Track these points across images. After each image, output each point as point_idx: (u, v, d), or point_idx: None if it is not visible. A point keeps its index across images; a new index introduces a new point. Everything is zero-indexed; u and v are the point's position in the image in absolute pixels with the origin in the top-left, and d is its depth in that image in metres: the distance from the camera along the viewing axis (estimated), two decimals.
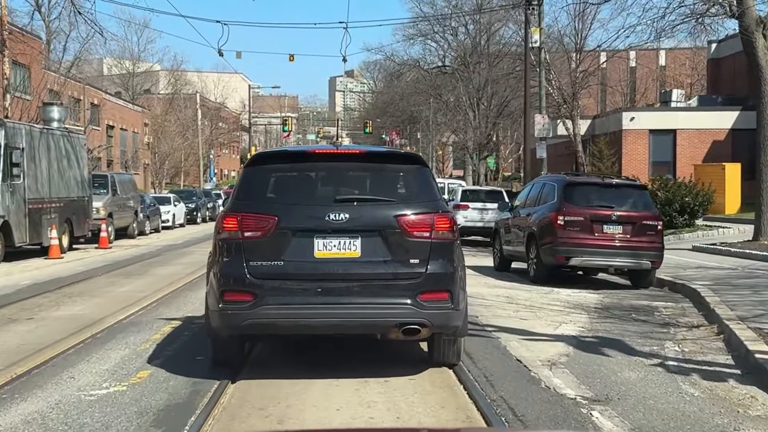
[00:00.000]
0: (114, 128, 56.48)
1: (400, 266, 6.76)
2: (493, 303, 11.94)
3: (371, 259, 6.75)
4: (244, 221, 6.77)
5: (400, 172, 7.43)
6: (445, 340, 7.28)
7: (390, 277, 6.75)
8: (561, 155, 52.98)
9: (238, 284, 6.69)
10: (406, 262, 6.78)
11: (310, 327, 6.88)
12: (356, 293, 6.71)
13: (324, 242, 6.73)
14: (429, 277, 6.77)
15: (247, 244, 6.72)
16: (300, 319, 6.73)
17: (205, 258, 8.22)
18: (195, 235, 31.28)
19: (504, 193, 27.40)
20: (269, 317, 6.65)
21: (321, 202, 7.03)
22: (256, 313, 6.63)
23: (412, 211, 6.88)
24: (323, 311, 6.69)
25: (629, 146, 41.40)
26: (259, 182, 7.22)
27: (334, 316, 6.72)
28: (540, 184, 16.07)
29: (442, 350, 7.37)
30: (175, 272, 16.26)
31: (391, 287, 6.74)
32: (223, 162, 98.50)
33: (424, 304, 6.73)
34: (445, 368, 7.42)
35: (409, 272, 6.76)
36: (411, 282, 6.74)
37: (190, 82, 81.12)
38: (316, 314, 6.70)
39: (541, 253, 14.61)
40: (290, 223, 6.76)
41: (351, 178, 7.51)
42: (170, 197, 37.46)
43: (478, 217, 26.33)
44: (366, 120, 79.88)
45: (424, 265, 6.77)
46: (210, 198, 46.83)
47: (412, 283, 6.74)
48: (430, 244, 6.82)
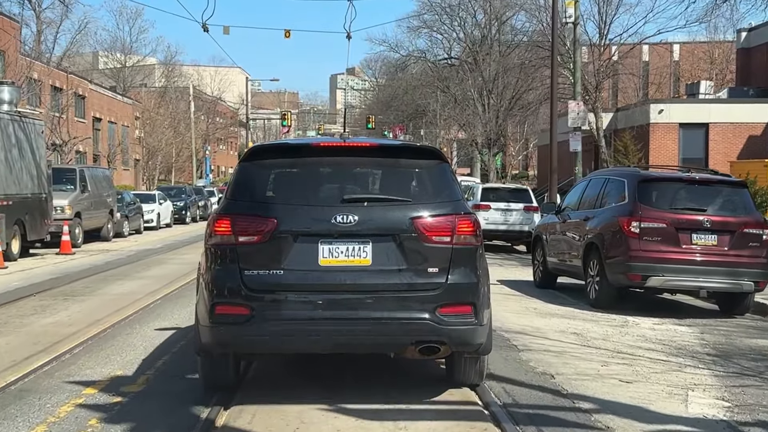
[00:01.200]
0: (101, 121, 53.02)
1: (417, 276, 5.85)
2: (562, 345, 8.53)
3: (384, 268, 5.84)
4: (239, 224, 5.86)
5: (416, 168, 6.34)
6: (466, 358, 6.40)
7: (405, 288, 5.83)
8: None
9: (232, 296, 5.78)
10: (424, 272, 5.87)
11: (315, 345, 5.99)
12: (367, 306, 5.79)
13: (330, 248, 5.84)
14: (450, 288, 5.87)
15: (243, 250, 5.82)
16: (303, 336, 5.85)
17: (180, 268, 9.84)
18: (180, 237, 27.85)
19: (530, 191, 23.96)
20: (268, 334, 5.76)
21: (326, 203, 6.04)
22: (253, 330, 5.73)
23: (430, 213, 5.96)
24: (329, 327, 5.81)
25: (657, 141, 37.99)
26: (256, 179, 6.19)
27: (342, 332, 5.83)
28: (599, 180, 12.63)
29: (463, 370, 6.51)
30: (133, 290, 12.83)
31: (406, 300, 5.82)
32: (220, 158, 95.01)
33: (445, 318, 5.82)
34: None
35: (427, 282, 5.85)
36: (429, 294, 5.84)
37: (186, 74, 77.55)
38: (321, 331, 5.81)
39: (606, 270, 11.19)
40: (291, 227, 5.85)
41: (360, 174, 6.48)
42: (155, 194, 34.02)
43: (500, 219, 22.92)
44: (368, 115, 76.25)
45: (445, 274, 5.88)
46: (202, 196, 43.35)
47: (430, 295, 5.83)
48: (451, 250, 5.90)
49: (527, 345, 8.36)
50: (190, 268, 16.08)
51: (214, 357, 6.14)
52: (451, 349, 6.05)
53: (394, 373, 7.04)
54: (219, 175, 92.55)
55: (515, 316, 10.48)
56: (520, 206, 22.97)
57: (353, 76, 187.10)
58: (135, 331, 9.20)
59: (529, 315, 10.63)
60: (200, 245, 6.46)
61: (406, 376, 7.02)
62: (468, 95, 58.66)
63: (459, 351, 6.17)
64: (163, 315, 10.24)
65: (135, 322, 9.81)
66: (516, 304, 11.67)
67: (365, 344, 6.04)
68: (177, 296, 12.02)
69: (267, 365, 7.33)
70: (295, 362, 7.27)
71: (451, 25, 61.55)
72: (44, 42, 64.12)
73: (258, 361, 7.26)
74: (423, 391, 6.51)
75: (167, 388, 6.60)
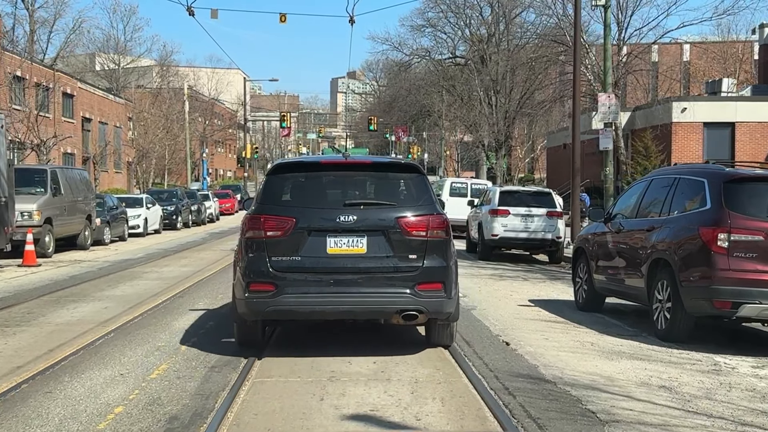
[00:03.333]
0: (91, 121, 50.60)
1: (401, 261, 7.67)
2: (658, 412, 6.04)
3: (376, 255, 7.65)
4: (267, 222, 7.65)
5: (400, 180, 8.24)
6: (439, 324, 8.21)
7: (392, 270, 7.66)
8: (591, 154, 47.10)
9: (262, 276, 7.56)
10: (406, 258, 7.67)
11: (324, 313, 7.84)
12: (363, 284, 7.62)
13: (335, 240, 7.66)
14: (425, 270, 7.68)
15: (269, 242, 7.61)
16: (315, 306, 7.66)
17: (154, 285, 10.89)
18: (166, 244, 25.44)
19: (553, 195, 21.51)
20: (289, 305, 7.58)
21: (332, 206, 7.88)
22: (277, 301, 7.54)
23: (410, 214, 7.79)
24: (335, 299, 7.61)
25: (680, 141, 35.60)
26: (279, 188, 8.07)
27: (344, 303, 7.66)
28: (665, 180, 10.18)
29: (437, 333, 8.37)
30: (84, 318, 10.33)
31: (392, 279, 7.65)
32: (218, 161, 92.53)
33: (421, 293, 7.64)
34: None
35: (408, 266, 7.67)
36: (410, 274, 7.66)
37: (182, 75, 75.07)
38: (328, 302, 7.62)
39: (682, 295, 8.77)
40: (306, 224, 7.66)
41: (358, 184, 8.35)
42: (142, 198, 31.58)
43: (521, 226, 20.49)
44: (370, 116, 73.74)
45: (421, 260, 7.67)
46: (195, 200, 40.74)
47: (410, 275, 7.65)
48: (426, 242, 7.71)
49: (610, 411, 5.93)
50: (165, 285, 13.68)
51: (247, 323, 7.92)
52: (427, 316, 7.85)
53: (385, 337, 9.02)
54: (217, 178, 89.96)
55: (572, 356, 8.06)
56: (542, 211, 20.57)
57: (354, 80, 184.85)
58: (55, 393, 6.53)
59: (589, 354, 8.20)
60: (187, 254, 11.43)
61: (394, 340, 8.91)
62: (474, 95, 56.30)
63: (433, 318, 7.97)
64: (108, 358, 7.80)
65: (64, 371, 7.25)
66: (565, 337, 9.26)
67: (362, 312, 7.85)
68: (137, 326, 9.61)
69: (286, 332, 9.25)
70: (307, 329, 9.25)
71: (456, 23, 59.17)
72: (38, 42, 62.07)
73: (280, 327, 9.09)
74: (406, 349, 8.34)
75: None
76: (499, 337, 9.08)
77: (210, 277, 15.24)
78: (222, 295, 12.59)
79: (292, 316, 7.84)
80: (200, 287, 13.69)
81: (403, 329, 9.06)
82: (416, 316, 7.75)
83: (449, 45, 61.07)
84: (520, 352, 8.19)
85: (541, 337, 9.12)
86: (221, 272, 16.20)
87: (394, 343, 8.63)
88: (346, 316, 8.07)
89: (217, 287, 13.64)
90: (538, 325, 10.10)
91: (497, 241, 20.73)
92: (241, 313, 7.76)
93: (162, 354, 7.97)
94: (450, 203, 31.08)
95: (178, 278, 14.98)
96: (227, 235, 31.19)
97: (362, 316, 8.12)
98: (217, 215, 45.83)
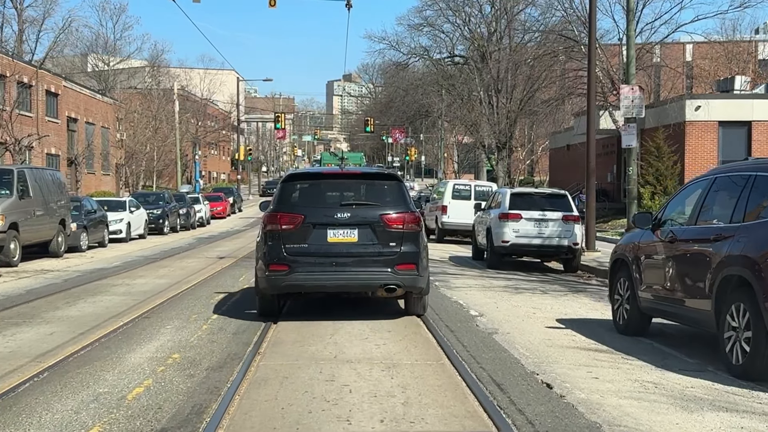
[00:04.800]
0: (78, 121, 48.65)
1: (383, 247, 10.12)
2: None
3: (364, 243, 10.09)
4: (282, 218, 10.05)
5: (384, 185, 10.76)
6: (414, 297, 10.63)
7: (377, 254, 10.09)
8: (597, 155, 45.19)
9: (279, 259, 9.92)
10: (387, 245, 10.12)
11: (325, 287, 10.30)
12: (355, 265, 10.06)
13: (334, 232, 10.08)
14: (402, 254, 10.13)
15: (284, 233, 9.99)
16: (319, 281, 10.08)
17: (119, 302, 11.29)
18: (148, 251, 23.56)
19: (569, 197, 19.65)
20: (299, 281, 10.00)
21: (332, 206, 10.39)
22: (290, 278, 9.93)
23: (391, 211, 10.24)
24: (334, 277, 10.06)
25: (693, 141, 33.81)
26: (291, 192, 10.53)
27: (341, 279, 10.13)
28: (735, 178, 8.31)
29: (412, 305, 10.74)
30: (18, 349, 8.29)
31: (377, 261, 10.08)
32: (212, 163, 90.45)
33: (399, 272, 10.08)
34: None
35: (389, 251, 10.11)
36: (390, 257, 10.09)
37: (174, 75, 73.07)
38: (329, 279, 10.07)
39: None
40: (312, 220, 10.05)
41: (351, 189, 10.97)
42: (125, 201, 29.67)
43: (534, 232, 18.64)
44: (367, 117, 71.79)
45: (399, 246, 10.14)
46: (184, 203, 38.79)
47: (391, 258, 10.09)
48: (403, 233, 10.17)
49: None
50: (132, 302, 11.79)
51: (267, 296, 10.33)
52: (404, 290, 10.38)
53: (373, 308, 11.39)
54: (210, 181, 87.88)
55: (638, 406, 6.18)
56: (557, 215, 18.72)
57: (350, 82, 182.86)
58: None
59: (658, 403, 6.32)
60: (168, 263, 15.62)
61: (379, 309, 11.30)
62: (474, 95, 54.46)
63: (408, 291, 10.46)
64: (24, 416, 5.78)
65: None
66: (617, 373, 7.38)
67: (355, 286, 10.43)
68: (81, 361, 7.63)
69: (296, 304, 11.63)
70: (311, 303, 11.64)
71: (455, 21, 57.30)
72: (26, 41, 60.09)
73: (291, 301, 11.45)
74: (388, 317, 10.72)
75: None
76: (536, 376, 7.20)
77: (187, 292, 13.35)
78: (197, 316, 10.71)
79: (302, 289, 10.22)
80: (173, 304, 11.80)
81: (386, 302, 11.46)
82: (395, 290, 10.18)
83: (448, 45, 59.28)
84: (569, 401, 6.31)
85: (589, 375, 7.25)
86: (201, 285, 14.30)
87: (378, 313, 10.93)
88: (342, 290, 10.53)
89: (192, 304, 11.75)
90: (579, 355, 8.24)
91: (508, 249, 18.87)
92: (263, 288, 10.12)
93: (100, 408, 6.05)
94: (453, 207, 29.24)
95: (149, 293, 13.08)
96: (216, 241, 29.28)
97: (355, 290, 10.57)
98: (207, 219, 43.90)
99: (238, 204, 57.67)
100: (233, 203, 54.66)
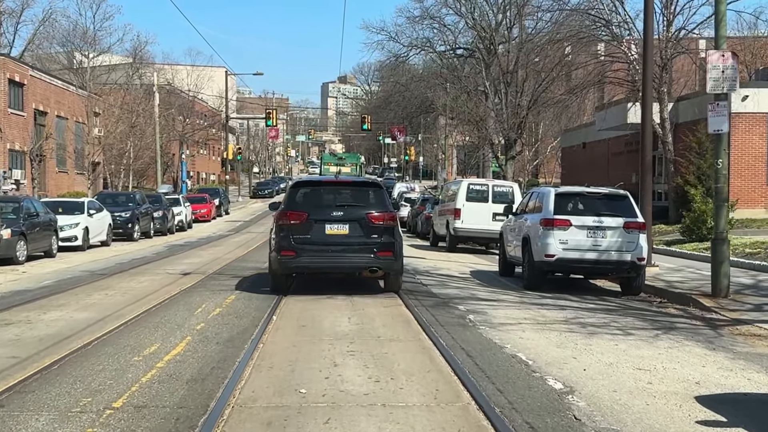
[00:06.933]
0: (47, 115, 44.20)
1: (367, 238, 13.00)
2: None
3: (353, 234, 12.99)
4: (291, 215, 12.98)
5: (369, 191, 13.86)
6: (392, 278, 13.56)
7: (363, 243, 12.97)
8: (618, 153, 41.02)
9: (288, 247, 12.79)
10: (370, 237, 13.02)
11: (324, 269, 13.46)
12: (346, 252, 12.99)
13: (330, 226, 12.96)
14: (381, 243, 13.03)
15: (292, 227, 12.90)
16: (319, 264, 13.11)
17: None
18: (103, 263, 19.27)
19: (631, 199, 15.33)
20: (304, 263, 12.94)
21: (329, 206, 13.30)
22: (297, 262, 12.86)
23: (374, 211, 13.19)
24: (330, 260, 13.04)
25: (740, 135, 29.53)
26: (297, 195, 13.57)
27: (336, 262, 13.12)
28: None
29: (390, 283, 13.64)
30: None
31: (363, 248, 12.97)
32: (201, 163, 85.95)
33: (380, 257, 13.01)
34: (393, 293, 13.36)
35: (372, 241, 13.00)
36: (372, 246, 12.98)
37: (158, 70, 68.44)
38: (327, 262, 13.08)
39: None
40: (314, 216, 12.99)
41: (344, 193, 13.80)
42: (83, 203, 25.30)
43: (587, 243, 14.39)
44: (363, 116, 67.32)
45: (379, 238, 13.05)
46: (160, 205, 34.33)
47: (373, 246, 12.99)
48: (383, 227, 13.13)
49: None
50: (8, 362, 7.41)
51: (278, 276, 13.17)
52: (383, 271, 13.32)
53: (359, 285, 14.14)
54: (199, 182, 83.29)
55: None
56: (617, 222, 14.48)
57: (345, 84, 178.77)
58: None
59: None
60: (113, 282, 14.66)
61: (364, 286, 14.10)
62: (480, 89, 50.24)
63: (387, 272, 13.34)
64: None
65: None
66: None
67: (346, 268, 13.42)
68: None
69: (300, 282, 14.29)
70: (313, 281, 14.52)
71: (458, 10, 52.93)
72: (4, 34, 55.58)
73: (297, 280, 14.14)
74: (371, 292, 13.54)
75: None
76: None
77: (110, 337, 8.98)
78: (103, 386, 6.37)
79: (306, 270, 13.38)
80: (72, 365, 7.46)
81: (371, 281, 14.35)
82: (377, 271, 13.27)
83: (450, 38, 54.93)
84: None
85: None
86: (133, 325, 9.87)
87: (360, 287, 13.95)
88: (336, 271, 13.69)
89: (103, 363, 7.43)
90: None
91: (554, 265, 14.60)
92: (275, 269, 13.10)
93: None
94: (467, 210, 24.91)
95: (48, 340, 8.72)
96: (190, 249, 24.97)
97: (346, 270, 13.59)
98: (189, 223, 39.57)
99: (225, 206, 53.28)
100: (219, 205, 50.26)
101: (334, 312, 11.34)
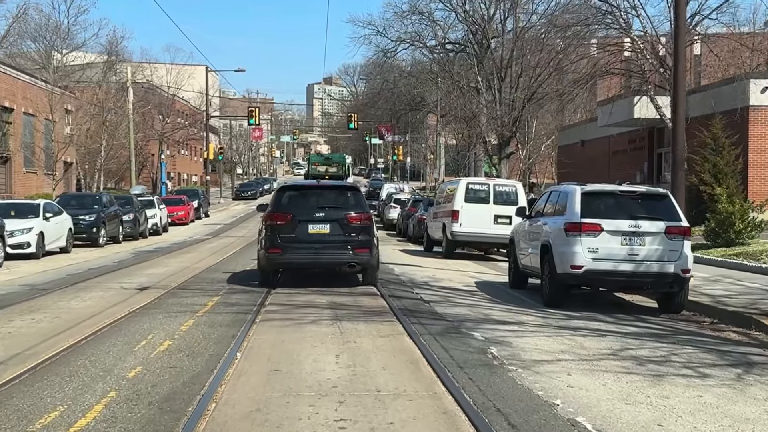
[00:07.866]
0: (13, 111, 41.48)
1: (346, 237, 14.19)
2: None
3: (333, 233, 14.15)
4: (277, 216, 14.19)
5: (348, 194, 15.15)
6: (369, 273, 14.71)
7: (342, 241, 14.15)
8: (621, 151, 38.71)
9: (275, 245, 13.98)
10: (349, 235, 14.21)
11: (307, 265, 14.67)
12: (327, 249, 14.12)
13: (312, 226, 14.13)
14: (359, 241, 14.20)
15: (278, 227, 14.07)
16: (302, 260, 14.27)
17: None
18: (50, 275, 16.73)
19: (672, 199, 12.88)
20: (289, 260, 14.19)
21: (312, 207, 14.45)
22: (283, 258, 14.10)
23: (353, 212, 14.39)
24: (313, 257, 14.17)
25: (759, 130, 27.28)
26: (283, 198, 14.80)
27: (318, 258, 14.26)
28: None
29: (368, 277, 14.78)
30: None
31: (342, 246, 14.14)
32: (182, 164, 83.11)
33: (358, 253, 14.18)
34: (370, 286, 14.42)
35: (350, 239, 14.19)
36: (351, 244, 14.16)
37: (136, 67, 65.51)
38: (310, 258, 14.21)
39: None
40: (298, 217, 14.15)
41: (325, 196, 14.92)
42: (38, 205, 22.67)
43: (621, 253, 11.99)
44: (350, 114, 64.70)
45: (357, 236, 14.23)
46: (131, 207, 31.65)
47: (351, 244, 14.16)
48: (360, 226, 14.30)
49: None
50: None
51: (266, 271, 14.43)
52: (361, 267, 14.55)
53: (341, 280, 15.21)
54: (180, 183, 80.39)
55: None
56: (657, 227, 12.06)
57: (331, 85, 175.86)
58: None
59: None
60: (53, 299, 12.64)
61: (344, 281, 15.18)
62: (472, 86, 47.85)
63: (364, 267, 14.57)
64: None
65: None
66: None
67: (327, 264, 14.73)
68: None
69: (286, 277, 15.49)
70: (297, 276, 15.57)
71: (449, 3, 50.45)
72: None
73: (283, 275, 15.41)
74: (351, 285, 14.69)
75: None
76: None
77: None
78: None
79: (291, 266, 14.65)
80: None
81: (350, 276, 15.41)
82: (355, 266, 14.48)
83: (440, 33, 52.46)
84: None
85: None
86: (47, 368, 7.32)
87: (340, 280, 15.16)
88: (318, 266, 15.03)
89: None
90: None
91: (581, 278, 12.15)
92: (263, 265, 14.34)
93: None
94: (467, 212, 22.40)
95: None
96: (158, 257, 22.40)
97: (327, 266, 14.97)
98: (164, 226, 36.94)
99: (205, 208, 50.60)
100: (198, 207, 47.57)
101: (317, 346, 8.68)
